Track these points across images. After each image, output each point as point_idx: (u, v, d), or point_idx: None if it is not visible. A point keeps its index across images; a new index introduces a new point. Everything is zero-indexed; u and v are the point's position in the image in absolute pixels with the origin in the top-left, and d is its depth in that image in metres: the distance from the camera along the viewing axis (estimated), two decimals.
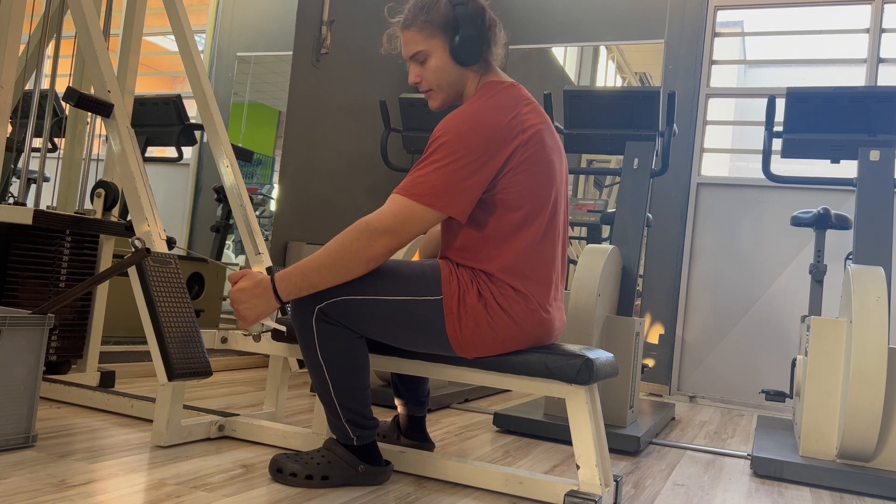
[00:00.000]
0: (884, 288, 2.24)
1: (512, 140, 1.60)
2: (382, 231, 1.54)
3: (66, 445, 1.74)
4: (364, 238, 1.55)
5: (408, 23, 1.71)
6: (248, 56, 3.86)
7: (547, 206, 1.65)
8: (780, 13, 4.36)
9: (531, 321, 1.64)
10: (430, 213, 1.56)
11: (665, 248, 4.31)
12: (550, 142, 1.69)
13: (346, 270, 1.57)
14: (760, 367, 4.09)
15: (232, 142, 3.76)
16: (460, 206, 1.57)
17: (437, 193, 1.55)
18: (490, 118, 1.59)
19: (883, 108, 2.63)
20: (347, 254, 1.56)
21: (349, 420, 1.67)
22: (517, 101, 1.66)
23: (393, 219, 1.55)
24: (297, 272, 1.59)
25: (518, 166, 1.61)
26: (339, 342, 1.64)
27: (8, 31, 2.03)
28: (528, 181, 1.62)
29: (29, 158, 2.27)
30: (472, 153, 1.56)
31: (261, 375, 3.27)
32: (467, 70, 1.72)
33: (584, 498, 1.57)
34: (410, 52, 1.72)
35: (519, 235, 1.63)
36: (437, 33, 1.68)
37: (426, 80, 1.72)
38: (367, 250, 1.55)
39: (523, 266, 1.63)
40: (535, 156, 1.63)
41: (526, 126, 1.63)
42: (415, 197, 1.55)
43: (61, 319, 2.35)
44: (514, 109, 1.63)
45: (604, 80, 4.81)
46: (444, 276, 1.62)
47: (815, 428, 2.37)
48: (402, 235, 1.55)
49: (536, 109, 1.69)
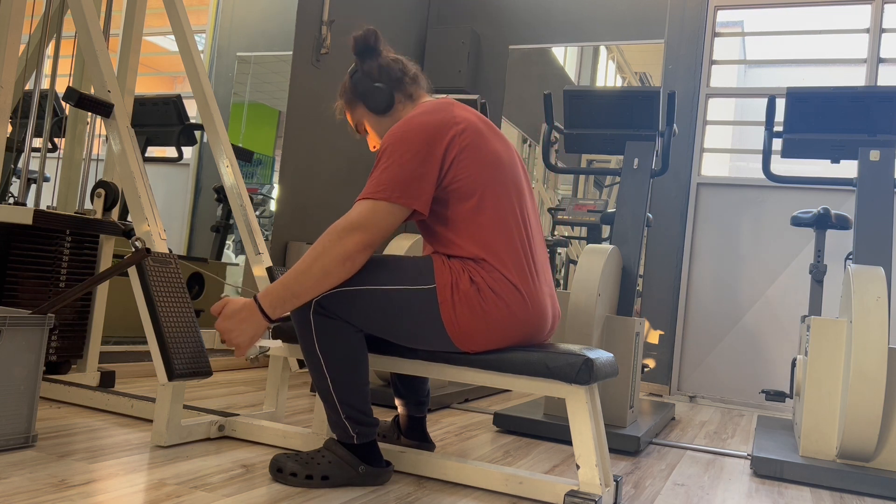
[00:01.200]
0: (884, 288, 2.24)
1: (447, 131, 1.69)
2: (351, 228, 1.59)
3: (66, 445, 1.74)
4: (334, 236, 1.60)
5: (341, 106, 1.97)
6: (248, 56, 3.86)
7: (498, 187, 1.71)
8: (780, 13, 4.36)
9: (521, 304, 1.66)
10: (393, 208, 1.62)
11: (665, 248, 4.31)
12: (488, 131, 1.78)
13: (323, 273, 1.60)
14: (760, 367, 4.09)
15: (232, 142, 3.76)
16: (417, 197, 1.63)
17: (392, 188, 1.62)
18: (422, 119, 1.70)
19: (883, 108, 2.63)
20: (322, 255, 1.60)
21: (349, 416, 1.67)
22: (448, 104, 1.78)
23: (359, 217, 1.60)
24: (278, 286, 1.62)
25: (460, 154, 1.68)
26: (337, 335, 1.65)
27: (8, 31, 2.03)
28: (474, 166, 1.69)
29: (29, 158, 2.27)
30: (412, 149, 1.65)
31: (261, 375, 3.27)
32: (394, 112, 1.88)
33: (584, 498, 1.57)
34: (352, 124, 1.96)
35: (479, 217, 1.68)
36: (355, 102, 1.90)
37: (373, 138, 1.93)
38: (339, 247, 1.59)
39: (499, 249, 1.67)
40: (474, 142, 1.71)
41: (458, 119, 1.72)
42: (373, 195, 1.62)
43: (61, 319, 2.35)
44: (444, 110, 1.74)
45: (604, 80, 4.81)
46: (437, 266, 1.65)
47: (815, 428, 2.37)
48: (372, 230, 1.60)
49: (468, 109, 1.80)
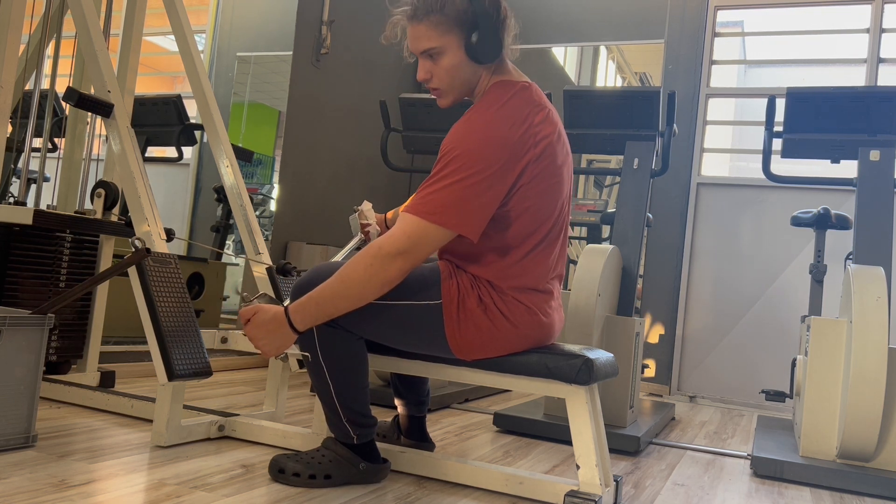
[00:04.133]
0: (884, 288, 2.24)
1: (524, 155, 1.55)
2: (396, 254, 1.50)
3: (66, 445, 1.74)
4: (377, 263, 1.50)
5: (419, 15, 1.59)
6: (248, 56, 3.86)
7: (551, 218, 1.64)
8: (780, 13, 4.36)
9: (532, 325, 1.64)
10: (443, 232, 1.51)
11: (665, 248, 4.31)
12: (561, 152, 1.65)
13: (360, 297, 1.53)
14: (760, 367, 4.09)
15: (232, 142, 3.76)
16: (473, 224, 1.52)
17: (449, 212, 1.50)
18: (502, 132, 1.53)
19: (883, 108, 2.63)
20: (362, 280, 1.51)
21: (349, 419, 1.67)
22: (530, 108, 1.59)
23: (406, 240, 1.50)
24: (311, 303, 1.55)
25: (529, 182, 1.57)
26: (339, 344, 1.64)
27: (8, 31, 2.03)
28: (537, 197, 1.59)
29: (29, 158, 2.27)
30: (484, 170, 1.50)
31: (261, 375, 3.27)
32: (481, 68, 1.64)
33: (584, 498, 1.57)
34: (422, 48, 1.61)
35: (521, 247, 1.61)
36: (453, 29, 1.57)
37: (437, 77, 1.63)
38: (382, 274, 1.51)
39: (524, 276, 1.62)
40: (546, 170, 1.59)
41: (538, 139, 1.57)
42: (426, 216, 1.50)
43: (61, 319, 2.35)
44: (526, 121, 1.56)
45: (604, 80, 4.81)
46: (444, 280, 1.62)
47: (815, 428, 2.37)
48: (415, 256, 1.52)
49: (549, 117, 1.63)
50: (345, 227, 4.32)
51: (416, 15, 1.60)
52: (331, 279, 1.54)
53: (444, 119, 3.25)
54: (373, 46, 4.47)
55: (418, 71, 1.65)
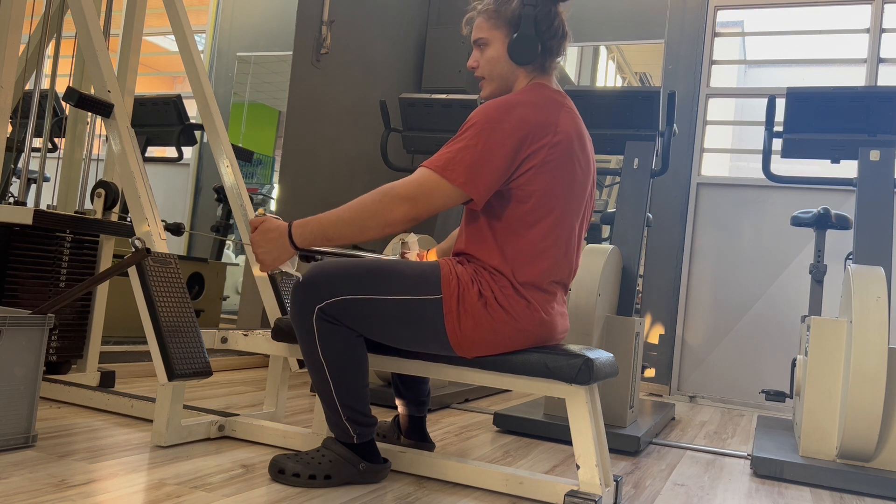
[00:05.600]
0: (884, 288, 2.24)
1: (542, 137, 1.62)
2: (405, 197, 1.57)
3: (66, 445, 1.74)
4: (386, 201, 1.57)
5: (483, 9, 1.78)
6: (248, 56, 3.87)
7: (556, 211, 1.66)
8: (780, 13, 4.36)
9: (532, 321, 1.64)
10: (452, 189, 1.59)
11: (665, 248, 4.31)
12: (580, 154, 1.70)
13: (361, 229, 1.59)
14: (760, 367, 4.09)
15: (232, 142, 3.76)
16: (482, 187, 1.59)
17: (462, 170, 1.58)
18: (526, 112, 1.63)
19: (883, 108, 2.63)
20: (367, 213, 1.58)
21: (349, 418, 1.67)
22: (558, 106, 1.68)
23: (417, 188, 1.58)
24: (314, 222, 1.62)
25: (540, 165, 1.62)
26: (339, 341, 1.65)
27: (8, 31, 2.03)
28: (545, 182, 1.63)
29: (29, 158, 2.27)
30: (501, 140, 1.59)
31: (261, 375, 3.27)
32: (519, 68, 1.75)
33: (584, 498, 1.57)
34: (475, 37, 1.78)
35: (525, 235, 1.64)
36: (501, 25, 1.74)
37: (481, 66, 1.78)
38: (386, 213, 1.57)
39: (525, 269, 1.64)
40: (559, 160, 1.64)
41: (559, 129, 1.65)
42: (440, 171, 1.59)
43: (61, 319, 2.35)
44: (551, 111, 1.65)
45: (604, 80, 4.81)
46: (444, 276, 1.63)
47: (815, 428, 2.37)
48: (422, 206, 1.58)
49: (575, 121, 1.71)
50: None
51: (481, 9, 1.79)
52: (340, 207, 1.61)
53: (444, 119, 3.26)
54: (373, 46, 4.47)
55: (470, 58, 1.81)
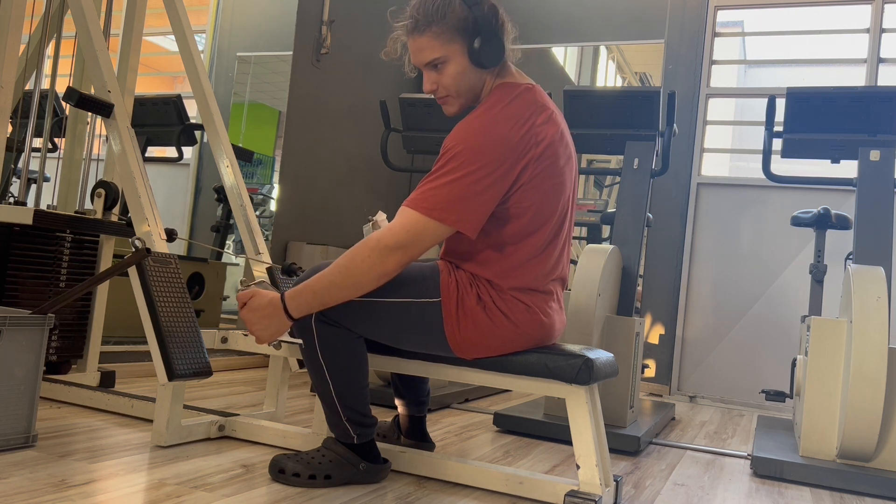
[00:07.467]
0: (884, 288, 2.24)
1: (525, 155, 1.56)
2: (395, 247, 1.52)
3: (66, 445, 1.74)
4: (375, 255, 1.52)
5: (420, 28, 1.61)
6: (248, 56, 3.86)
7: (552, 218, 1.64)
8: (780, 13, 4.36)
9: (532, 324, 1.64)
10: (442, 228, 1.53)
11: (665, 248, 4.31)
12: (563, 153, 1.65)
13: (356, 287, 1.55)
14: (760, 367, 4.09)
15: (232, 142, 3.76)
16: (472, 221, 1.54)
17: (449, 208, 1.52)
18: (504, 130, 1.54)
19: (883, 108, 2.63)
20: (359, 271, 1.53)
21: (350, 419, 1.67)
22: (533, 109, 1.60)
23: (405, 234, 1.52)
24: (307, 290, 1.57)
25: (529, 181, 1.58)
26: (338, 343, 1.64)
27: (8, 31, 2.03)
28: (537, 196, 1.60)
29: (29, 158, 2.27)
30: (485, 167, 1.52)
31: (261, 375, 3.27)
32: (485, 72, 1.65)
33: (584, 498, 1.57)
34: (425, 60, 1.63)
35: (522, 245, 1.62)
36: (455, 38, 1.59)
37: (443, 86, 1.65)
38: (379, 267, 1.53)
39: (524, 276, 1.63)
40: (547, 170, 1.60)
41: (539, 139, 1.58)
42: (426, 211, 1.52)
43: (61, 319, 2.35)
44: (528, 121, 1.58)
45: (604, 80, 4.81)
46: (443, 279, 1.62)
47: (815, 428, 2.37)
48: (413, 250, 1.53)
49: (552, 118, 1.64)
50: (346, 226, 4.32)
51: (418, 27, 1.61)
52: (328, 268, 1.56)
53: (444, 119, 3.26)
54: (373, 46, 4.47)
55: (424, 83, 1.66)
